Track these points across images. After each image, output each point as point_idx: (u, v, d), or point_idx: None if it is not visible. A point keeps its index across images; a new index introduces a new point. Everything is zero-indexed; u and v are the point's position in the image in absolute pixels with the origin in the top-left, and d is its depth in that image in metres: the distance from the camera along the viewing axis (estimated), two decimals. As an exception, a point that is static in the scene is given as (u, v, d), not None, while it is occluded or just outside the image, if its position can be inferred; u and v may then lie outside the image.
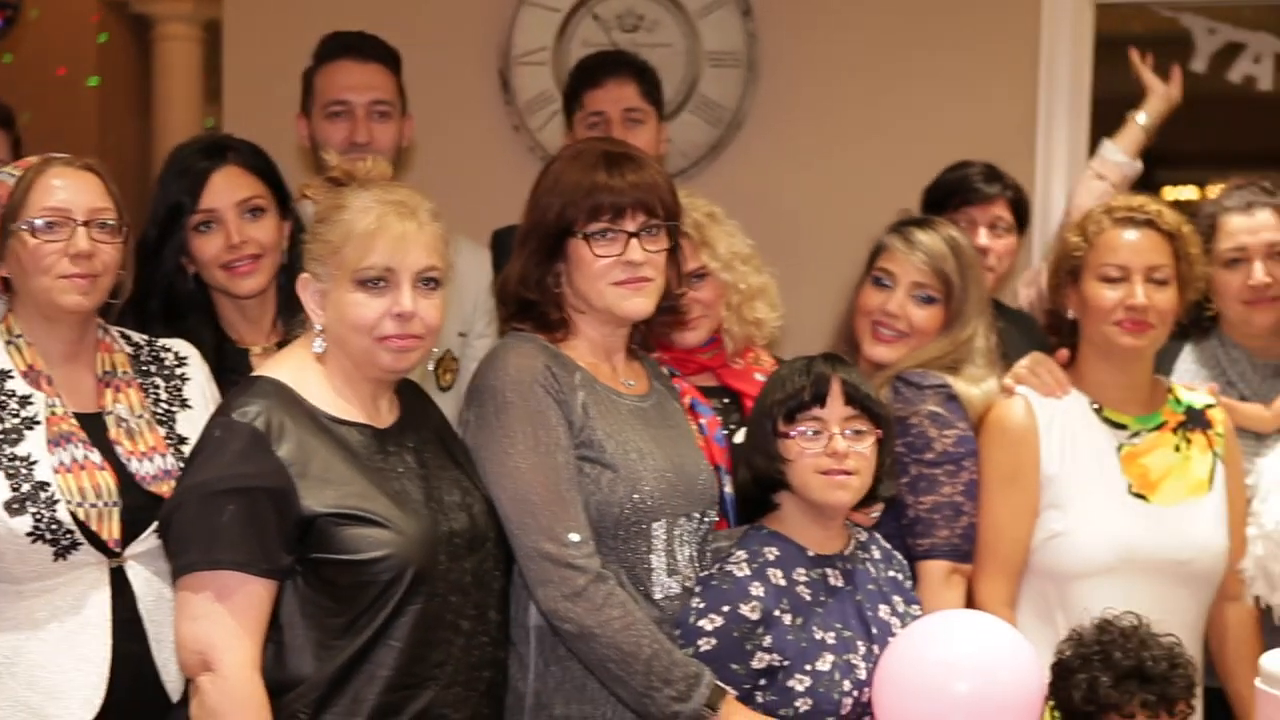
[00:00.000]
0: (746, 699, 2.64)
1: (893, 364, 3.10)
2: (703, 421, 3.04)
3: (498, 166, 4.74)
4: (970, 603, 2.99)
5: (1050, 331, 3.24)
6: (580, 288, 2.73)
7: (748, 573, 2.70)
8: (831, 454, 2.71)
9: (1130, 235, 3.06)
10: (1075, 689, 2.63)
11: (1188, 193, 6.70)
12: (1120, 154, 3.91)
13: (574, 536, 2.59)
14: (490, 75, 4.91)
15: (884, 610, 2.79)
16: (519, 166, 4.54)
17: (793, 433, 2.73)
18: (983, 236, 3.70)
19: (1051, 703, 2.70)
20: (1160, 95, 3.99)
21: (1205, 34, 4.64)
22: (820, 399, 2.73)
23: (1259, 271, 3.37)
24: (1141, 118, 3.96)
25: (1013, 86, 4.67)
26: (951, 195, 3.79)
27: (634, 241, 2.70)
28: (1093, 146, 4.60)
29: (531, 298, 2.74)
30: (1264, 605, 3.14)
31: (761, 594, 2.67)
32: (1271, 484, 3.16)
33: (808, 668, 2.66)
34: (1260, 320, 3.42)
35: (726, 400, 3.15)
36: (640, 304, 2.74)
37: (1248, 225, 3.38)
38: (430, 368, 2.77)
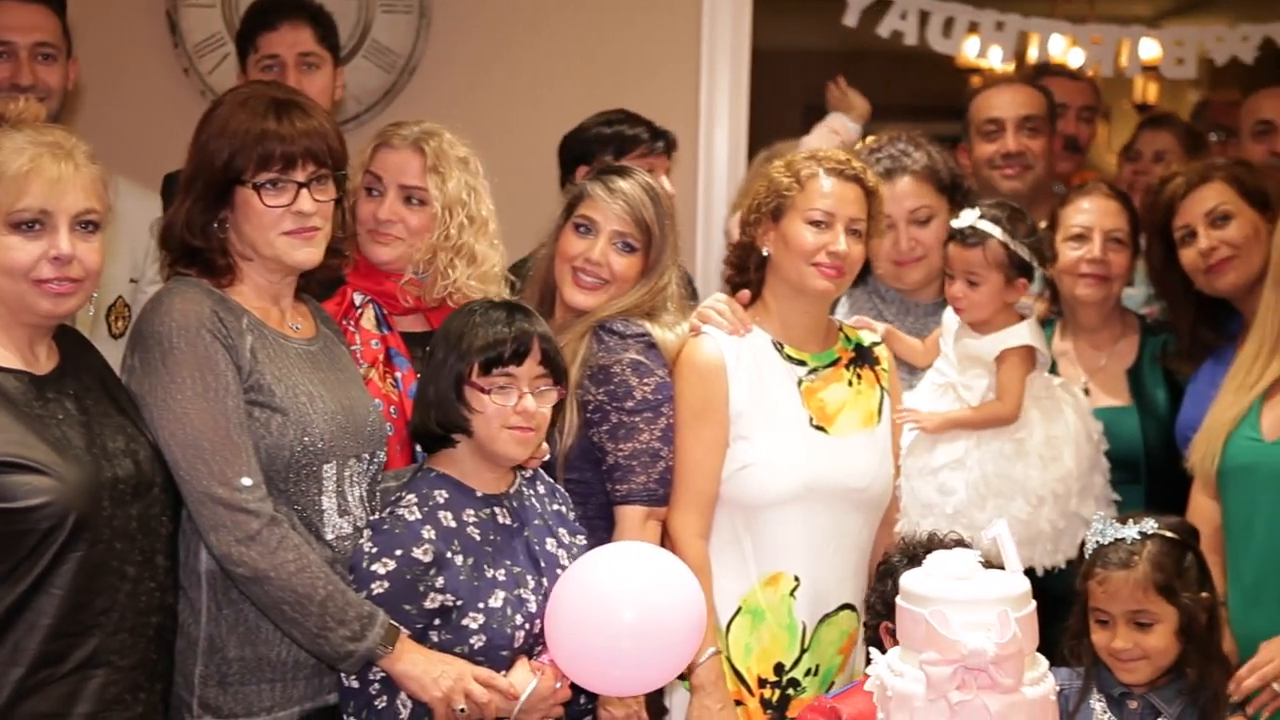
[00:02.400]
0: (421, 638, 2.69)
1: (592, 310, 3.15)
2: (399, 375, 3.05)
3: (168, 110, 4.62)
4: (664, 535, 3.08)
5: (735, 266, 3.34)
6: (248, 236, 2.71)
7: (418, 516, 2.74)
8: (521, 412, 2.76)
9: (839, 186, 3.18)
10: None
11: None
12: (850, 122, 4.39)
13: (245, 481, 2.59)
14: (158, 17, 4.78)
15: (551, 543, 2.87)
16: (189, 110, 4.33)
17: (487, 386, 2.76)
18: None
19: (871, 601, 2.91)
20: (859, 111, 4.47)
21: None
22: (520, 357, 2.77)
23: (903, 240, 3.57)
24: (852, 126, 4.41)
25: (677, 33, 4.78)
26: (605, 144, 3.83)
27: (304, 192, 2.70)
28: (753, 94, 4.79)
29: (197, 244, 2.71)
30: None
31: (433, 537, 2.71)
32: None
33: (480, 605, 2.72)
34: (910, 278, 3.65)
35: (429, 348, 3.14)
36: (310, 254, 2.75)
37: (889, 194, 3.43)
38: (90, 312, 2.71)
